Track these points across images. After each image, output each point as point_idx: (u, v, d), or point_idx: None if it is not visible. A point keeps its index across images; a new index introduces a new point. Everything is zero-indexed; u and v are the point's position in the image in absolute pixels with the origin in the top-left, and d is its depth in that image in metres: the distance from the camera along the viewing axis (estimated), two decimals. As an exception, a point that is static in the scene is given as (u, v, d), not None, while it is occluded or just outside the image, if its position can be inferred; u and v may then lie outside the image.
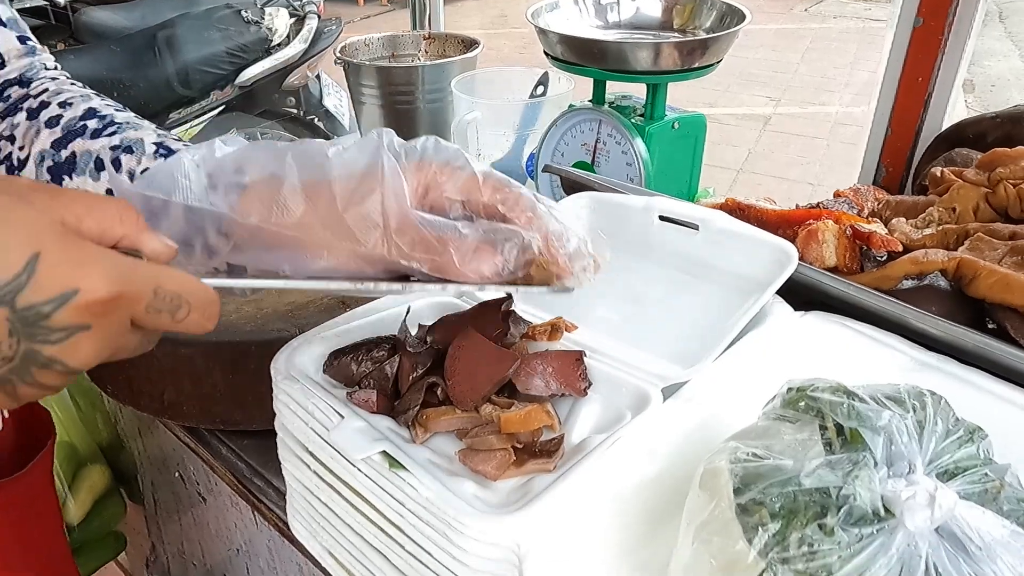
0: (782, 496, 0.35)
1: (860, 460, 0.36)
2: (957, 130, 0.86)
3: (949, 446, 0.38)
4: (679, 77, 0.90)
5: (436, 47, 1.27)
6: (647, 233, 0.64)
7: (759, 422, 0.42)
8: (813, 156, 3.38)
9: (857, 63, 4.44)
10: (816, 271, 0.58)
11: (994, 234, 0.58)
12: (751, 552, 0.34)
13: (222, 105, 2.36)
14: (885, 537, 0.34)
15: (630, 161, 0.96)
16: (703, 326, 0.55)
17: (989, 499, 0.36)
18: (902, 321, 0.55)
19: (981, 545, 0.35)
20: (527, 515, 0.41)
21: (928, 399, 0.40)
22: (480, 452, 0.47)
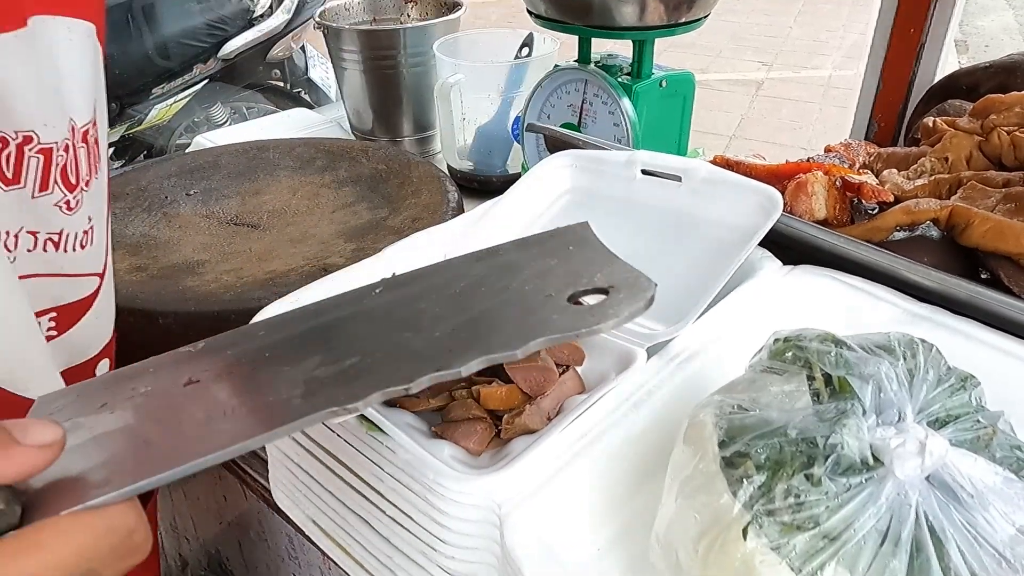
0: (767, 447, 0.34)
1: (848, 409, 0.34)
2: (950, 82, 0.84)
3: (940, 394, 0.37)
4: (665, 32, 0.88)
5: (418, 10, 1.24)
6: (630, 189, 0.62)
7: (745, 375, 0.41)
8: (806, 120, 3.36)
9: (850, 25, 4.39)
10: (805, 224, 0.56)
11: (987, 182, 0.57)
12: (736, 505, 0.33)
13: (206, 78, 2.32)
14: (874, 487, 0.33)
15: (617, 121, 0.94)
16: (688, 282, 0.54)
17: (981, 446, 0.35)
18: (894, 272, 0.54)
19: (973, 493, 0.34)
20: (507, 475, 0.40)
21: (919, 347, 0.39)
22: (460, 425, 0.45)
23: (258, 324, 0.37)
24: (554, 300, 0.34)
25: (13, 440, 0.26)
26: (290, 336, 0.35)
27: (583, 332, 0.31)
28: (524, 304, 0.34)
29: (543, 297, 0.34)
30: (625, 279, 0.34)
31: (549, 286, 0.35)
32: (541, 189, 0.66)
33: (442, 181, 0.90)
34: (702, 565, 0.35)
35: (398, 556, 0.46)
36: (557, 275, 0.36)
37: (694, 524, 0.35)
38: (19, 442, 0.26)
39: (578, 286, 0.34)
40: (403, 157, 0.97)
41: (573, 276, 0.35)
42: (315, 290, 0.56)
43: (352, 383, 0.31)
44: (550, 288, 0.35)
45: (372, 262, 0.59)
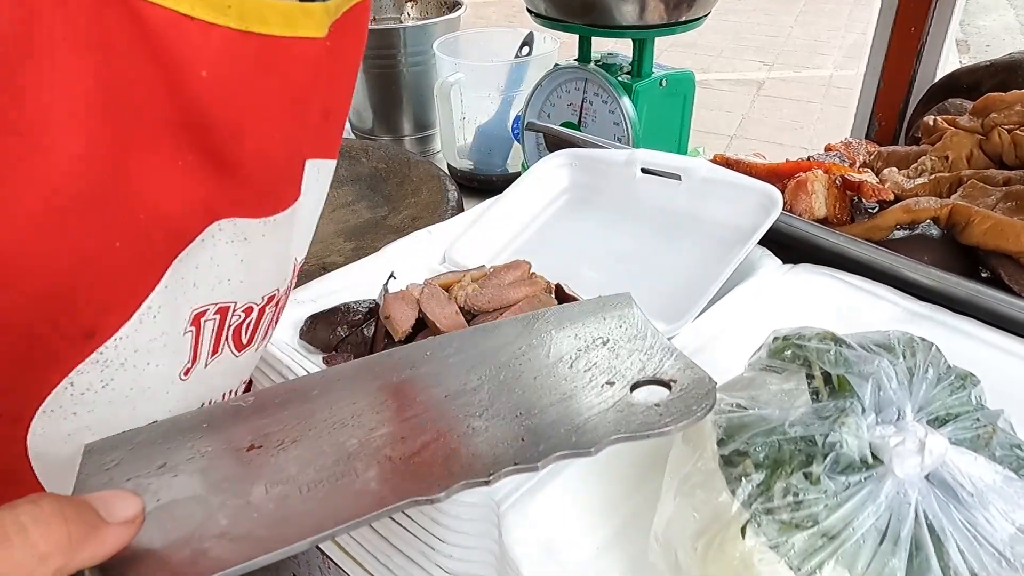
0: (766, 445, 0.34)
1: (847, 407, 0.34)
2: (951, 80, 0.83)
3: (940, 393, 0.37)
4: (666, 31, 0.88)
5: (418, 9, 1.24)
6: (629, 188, 0.62)
7: (744, 373, 0.41)
8: (807, 120, 3.34)
9: (851, 25, 4.38)
10: (805, 222, 0.56)
11: (988, 180, 0.57)
12: (734, 503, 0.33)
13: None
14: (873, 485, 0.33)
15: (617, 120, 0.94)
16: (688, 280, 0.54)
17: (981, 445, 0.35)
18: (894, 271, 0.53)
19: (973, 491, 0.33)
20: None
21: (919, 345, 0.39)
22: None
23: (311, 379, 0.37)
24: (615, 390, 0.34)
25: (101, 519, 0.25)
26: (349, 398, 0.35)
27: (653, 433, 0.32)
28: (588, 392, 0.34)
29: (604, 383, 0.35)
30: (687, 375, 0.34)
31: (608, 371, 0.35)
32: (540, 188, 0.66)
33: (442, 180, 0.89)
34: (701, 563, 0.34)
35: (397, 556, 0.46)
36: (614, 359, 0.36)
37: (693, 522, 0.35)
38: (106, 521, 0.25)
39: (639, 375, 0.35)
40: (403, 156, 0.97)
41: (631, 363, 0.36)
42: (314, 289, 0.56)
43: (430, 468, 0.31)
44: (611, 374, 0.35)
45: (372, 260, 0.59)
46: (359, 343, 0.51)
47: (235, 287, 0.38)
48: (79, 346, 0.32)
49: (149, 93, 0.29)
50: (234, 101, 0.31)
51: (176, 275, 0.34)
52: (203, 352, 0.39)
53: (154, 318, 0.34)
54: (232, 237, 0.36)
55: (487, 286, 0.50)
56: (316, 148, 0.41)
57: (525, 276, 0.51)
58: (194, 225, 0.34)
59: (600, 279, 0.57)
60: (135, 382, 0.35)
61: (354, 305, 0.52)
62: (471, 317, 0.49)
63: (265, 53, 0.32)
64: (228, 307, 0.39)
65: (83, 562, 0.24)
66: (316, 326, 0.52)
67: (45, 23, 0.25)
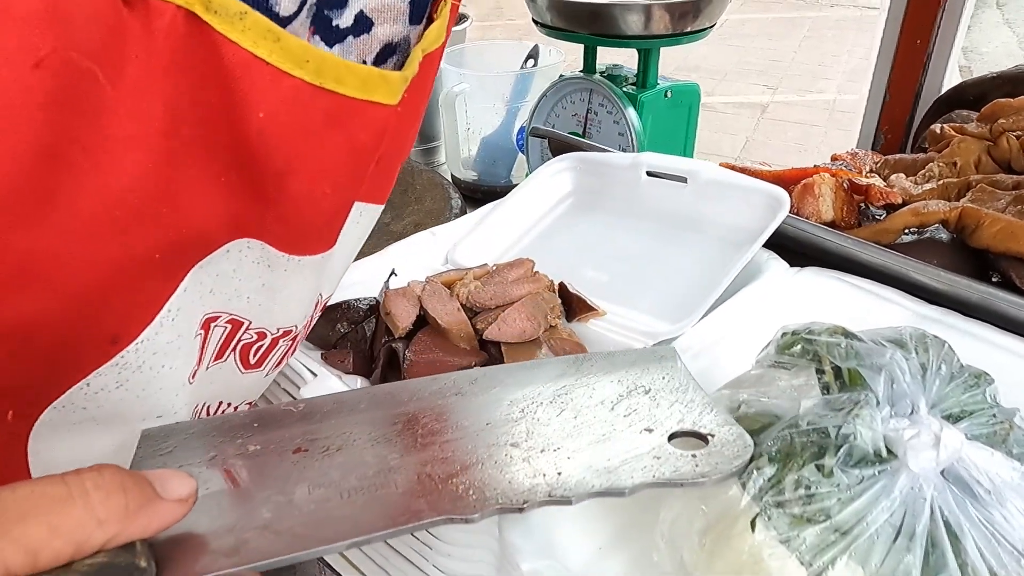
0: (777, 439, 0.33)
1: (861, 399, 0.33)
2: (957, 92, 0.83)
3: (954, 390, 0.36)
4: (671, 42, 0.88)
5: (424, 23, 1.25)
6: (635, 191, 0.61)
7: (752, 370, 0.40)
8: (811, 143, 3.36)
9: (854, 50, 4.42)
10: (812, 225, 0.56)
11: (997, 185, 0.56)
12: (744, 497, 0.32)
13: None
14: (887, 479, 0.32)
15: (622, 131, 0.94)
16: (694, 282, 0.53)
17: (998, 441, 0.34)
18: (902, 274, 0.52)
19: (990, 488, 0.32)
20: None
21: (931, 342, 0.38)
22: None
23: (359, 394, 0.38)
24: (653, 437, 0.35)
25: (156, 494, 0.26)
26: (393, 416, 0.36)
27: (688, 483, 0.32)
28: (626, 435, 0.35)
29: (643, 429, 0.35)
30: (725, 432, 0.35)
31: (647, 418, 0.36)
32: (544, 192, 0.65)
33: (445, 188, 0.89)
34: (708, 560, 0.33)
35: (395, 557, 0.44)
36: (654, 407, 0.37)
37: (701, 517, 0.34)
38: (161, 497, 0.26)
39: (678, 425, 0.35)
40: (407, 165, 0.96)
41: (670, 414, 0.36)
42: (314, 287, 0.55)
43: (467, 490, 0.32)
44: (649, 421, 0.36)
45: (374, 259, 0.58)
46: (359, 340, 0.50)
47: (252, 307, 0.38)
48: (103, 350, 0.32)
49: (210, 122, 0.29)
50: (291, 146, 0.32)
51: (196, 280, 0.34)
52: (207, 355, 0.39)
53: (172, 321, 0.34)
54: (259, 259, 0.36)
55: (490, 283, 0.49)
56: (365, 194, 0.41)
57: (528, 274, 0.51)
58: (221, 236, 0.34)
59: (604, 281, 0.56)
60: (148, 383, 0.35)
61: (355, 302, 0.52)
62: (473, 314, 0.48)
63: (335, 110, 0.32)
64: (242, 324, 0.39)
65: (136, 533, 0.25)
66: (316, 323, 0.51)
67: (131, 51, 0.26)
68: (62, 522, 0.23)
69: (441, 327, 0.47)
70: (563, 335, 0.48)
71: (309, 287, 0.41)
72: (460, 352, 0.47)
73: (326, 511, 0.30)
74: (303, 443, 0.34)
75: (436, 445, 0.34)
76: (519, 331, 0.45)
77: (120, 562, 0.24)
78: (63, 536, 0.23)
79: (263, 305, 0.39)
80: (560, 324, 0.49)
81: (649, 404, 0.37)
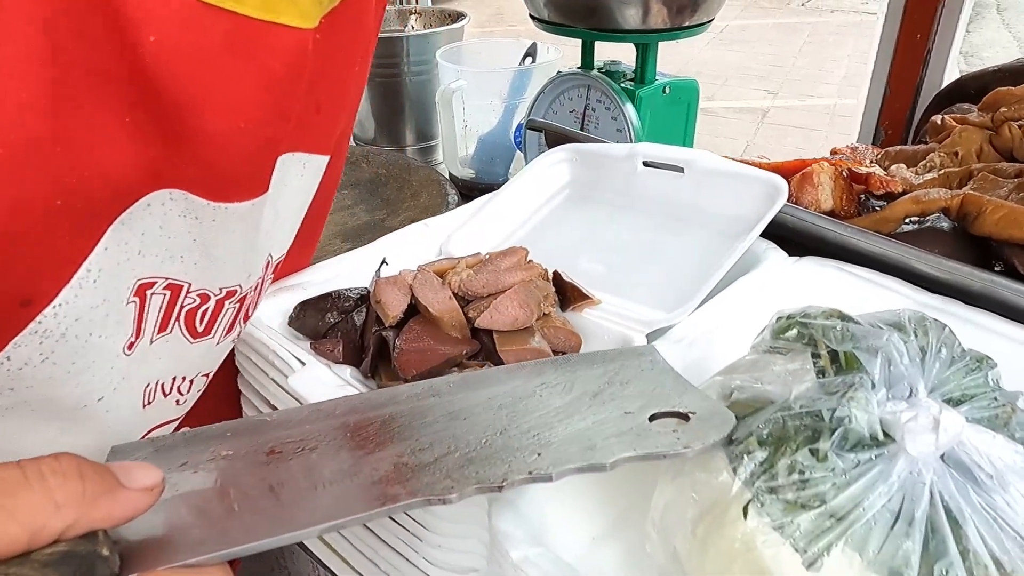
0: (769, 422, 0.32)
1: (856, 382, 0.32)
2: (958, 86, 0.82)
3: (954, 373, 0.35)
4: (669, 36, 0.87)
5: (422, 22, 1.24)
6: (631, 181, 0.61)
7: (748, 356, 0.39)
8: (811, 148, 3.35)
9: (855, 56, 4.42)
10: (811, 215, 0.55)
11: (999, 173, 0.55)
12: (736, 482, 0.31)
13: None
14: (884, 464, 0.31)
15: (620, 127, 0.93)
16: (691, 271, 0.52)
17: (999, 425, 0.33)
18: (903, 263, 0.52)
19: (992, 472, 0.31)
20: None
21: (931, 325, 0.37)
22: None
23: (336, 402, 0.38)
24: (634, 418, 0.35)
25: (118, 483, 0.26)
26: (369, 419, 0.36)
27: (670, 454, 0.33)
28: (607, 417, 0.36)
29: (624, 413, 0.36)
30: (704, 407, 0.36)
31: (628, 403, 0.37)
32: (540, 183, 0.65)
33: (442, 184, 0.88)
34: (700, 550, 0.32)
35: (383, 548, 0.44)
36: (634, 393, 0.38)
37: (692, 505, 0.33)
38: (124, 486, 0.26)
39: (658, 407, 0.36)
40: (403, 162, 0.96)
41: (650, 397, 0.37)
42: (305, 276, 0.54)
43: (447, 474, 0.32)
44: (630, 405, 0.37)
45: (366, 250, 0.57)
46: (349, 329, 0.49)
47: (188, 267, 0.37)
48: (15, 315, 0.30)
49: (96, 46, 0.27)
50: (192, 75, 0.30)
51: (118, 238, 0.32)
52: (148, 326, 0.37)
53: (94, 283, 0.32)
54: (184, 212, 0.34)
55: (482, 271, 0.49)
56: (302, 142, 0.39)
57: (522, 262, 0.50)
58: (137, 187, 0.32)
59: (600, 271, 0.55)
60: (77, 355, 0.33)
61: (345, 292, 0.51)
62: (465, 303, 0.48)
63: (236, 32, 0.30)
64: (181, 287, 0.37)
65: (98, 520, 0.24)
66: (305, 313, 0.50)
67: None
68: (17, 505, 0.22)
69: (432, 315, 0.46)
70: (557, 323, 0.47)
71: (246, 240, 0.39)
72: (451, 341, 0.46)
73: (300, 501, 0.30)
74: (277, 446, 0.34)
75: (413, 438, 0.35)
76: (511, 319, 0.44)
77: (81, 551, 0.24)
78: (19, 520, 0.22)
79: (199, 264, 0.37)
80: (554, 313, 0.48)
81: (629, 391, 0.38)
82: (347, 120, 0.44)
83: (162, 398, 0.41)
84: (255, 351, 0.48)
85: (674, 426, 0.34)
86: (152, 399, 0.41)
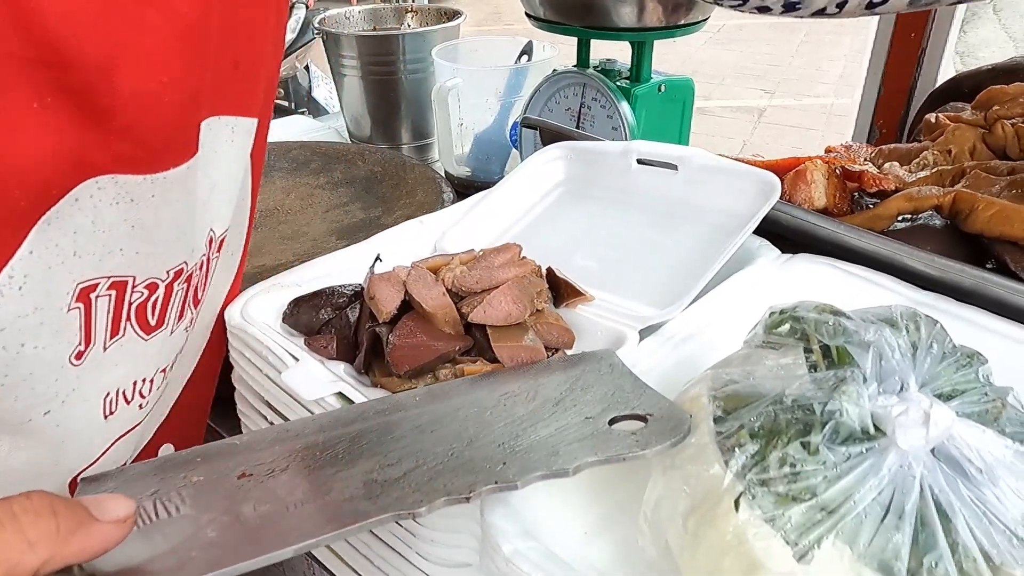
0: (762, 416, 0.32)
1: (847, 376, 0.32)
2: (952, 85, 0.83)
3: (945, 369, 0.35)
4: (665, 34, 0.87)
5: (418, 20, 1.24)
6: (626, 179, 0.61)
7: (740, 350, 0.39)
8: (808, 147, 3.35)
9: (851, 55, 4.42)
10: (804, 211, 0.55)
11: (992, 171, 0.55)
12: (727, 475, 0.31)
13: (209, 96, 2.33)
14: (875, 457, 0.31)
15: (615, 125, 0.93)
16: (684, 268, 0.52)
17: (990, 419, 0.33)
18: (895, 260, 0.52)
19: (982, 467, 0.31)
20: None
21: (922, 320, 0.37)
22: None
23: (304, 422, 0.39)
24: (595, 423, 0.37)
25: (91, 516, 0.26)
26: (338, 437, 0.37)
27: (629, 456, 0.34)
28: (570, 424, 0.37)
29: (585, 418, 0.37)
30: (662, 409, 0.37)
31: (589, 408, 0.38)
32: (535, 180, 0.65)
33: (437, 182, 0.88)
34: (692, 543, 0.32)
35: (377, 544, 0.44)
36: (595, 398, 0.39)
37: (684, 498, 0.33)
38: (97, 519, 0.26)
39: (617, 411, 0.37)
40: (399, 160, 0.96)
41: (611, 402, 0.38)
42: (299, 273, 0.54)
43: (416, 488, 0.33)
44: (591, 410, 0.38)
45: (360, 247, 0.57)
46: (343, 326, 0.49)
47: (130, 259, 0.35)
48: None
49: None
50: (102, 33, 0.28)
51: (46, 240, 0.30)
52: (98, 332, 0.35)
53: (19, 290, 0.30)
54: (116, 198, 0.32)
55: (476, 268, 0.49)
56: (225, 103, 0.38)
57: (515, 259, 0.50)
58: (61, 181, 0.30)
59: (594, 268, 0.55)
60: (9, 368, 0.32)
61: (339, 288, 0.51)
62: (459, 299, 0.48)
63: None
64: (125, 282, 0.35)
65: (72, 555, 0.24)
66: (299, 309, 0.50)
67: None
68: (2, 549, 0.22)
69: (426, 311, 0.46)
70: (550, 320, 0.47)
71: (186, 211, 0.37)
72: (445, 337, 0.46)
73: (272, 523, 0.31)
74: (248, 468, 0.35)
75: (382, 454, 0.35)
76: (504, 314, 0.45)
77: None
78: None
79: (141, 252, 0.35)
80: (547, 309, 0.48)
81: (590, 397, 0.39)
82: (268, 82, 0.42)
83: (125, 406, 0.40)
84: (249, 347, 0.48)
85: (633, 428, 0.36)
86: (114, 408, 0.39)
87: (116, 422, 0.40)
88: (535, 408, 0.38)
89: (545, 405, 0.38)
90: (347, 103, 1.17)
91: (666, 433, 0.34)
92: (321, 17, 1.17)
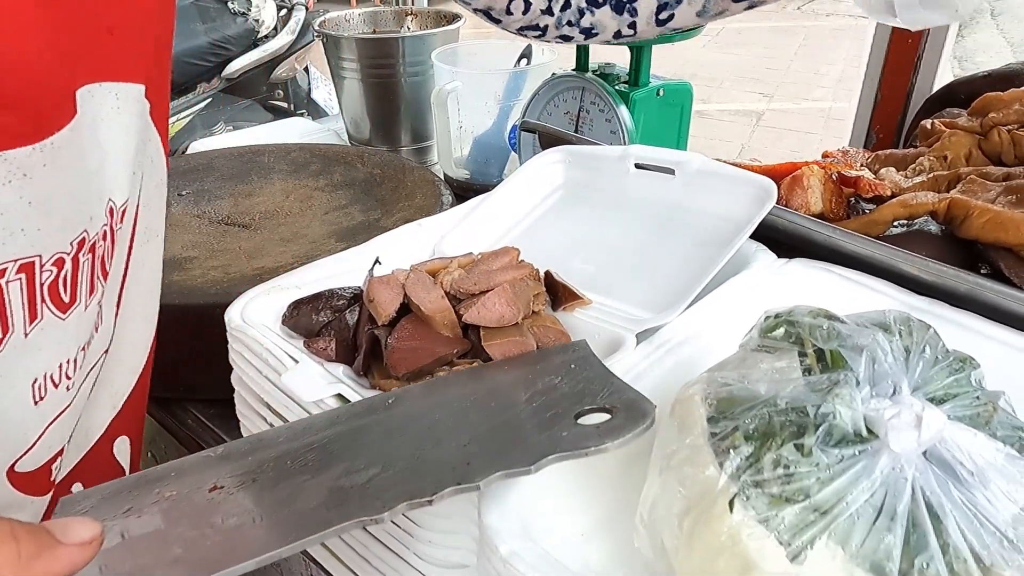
0: (756, 418, 0.33)
1: (841, 379, 0.33)
2: (948, 91, 0.83)
3: (938, 373, 0.36)
4: (663, 39, 0.87)
5: (418, 23, 1.25)
6: (623, 183, 0.61)
7: (736, 354, 0.40)
8: (806, 151, 3.37)
9: (850, 59, 4.43)
10: (801, 217, 0.55)
11: (987, 177, 0.56)
12: (722, 476, 0.32)
13: (209, 97, 2.34)
14: (868, 460, 0.31)
15: (614, 129, 0.93)
16: (681, 272, 0.52)
17: (981, 423, 0.34)
18: (891, 265, 0.52)
19: (973, 470, 0.32)
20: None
21: (915, 325, 0.37)
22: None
23: (278, 430, 0.39)
24: (561, 418, 0.37)
25: (56, 540, 0.26)
26: (309, 444, 0.38)
27: (591, 451, 0.34)
28: (535, 421, 0.37)
29: (551, 415, 0.37)
30: (626, 400, 0.37)
31: (556, 404, 0.38)
32: (534, 184, 0.65)
33: (436, 185, 0.89)
34: (687, 543, 0.33)
35: (375, 544, 0.44)
36: (562, 393, 0.39)
37: (679, 499, 0.33)
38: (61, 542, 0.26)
39: (583, 405, 0.38)
40: (398, 162, 0.96)
41: (578, 396, 0.39)
42: (299, 275, 0.55)
43: (378, 494, 0.33)
44: (557, 406, 0.38)
45: (359, 250, 0.58)
46: (342, 328, 0.49)
47: (33, 237, 0.34)
48: None
49: None
50: None
51: None
52: (16, 319, 0.35)
53: None
54: (8, 176, 0.31)
55: (474, 271, 0.49)
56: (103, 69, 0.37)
57: (513, 262, 0.50)
58: None
59: (591, 272, 0.56)
60: None
61: (338, 291, 0.51)
62: (457, 302, 0.48)
63: None
64: (33, 262, 0.35)
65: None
66: (298, 312, 0.51)
67: None
68: None
69: (424, 314, 0.47)
70: (547, 323, 0.48)
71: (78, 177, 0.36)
72: (443, 340, 0.46)
73: (238, 536, 0.31)
74: (220, 481, 0.35)
75: (349, 460, 0.36)
76: (498, 315, 0.45)
77: None
78: None
79: (43, 228, 0.34)
80: (545, 312, 0.49)
81: (557, 392, 0.39)
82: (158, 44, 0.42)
83: (53, 390, 0.40)
84: (249, 349, 0.49)
85: (598, 422, 0.36)
86: (44, 393, 0.39)
87: (47, 406, 0.40)
88: (504, 406, 0.38)
89: (514, 402, 0.39)
90: (347, 105, 1.17)
91: (629, 425, 0.35)
92: (321, 19, 1.17)
